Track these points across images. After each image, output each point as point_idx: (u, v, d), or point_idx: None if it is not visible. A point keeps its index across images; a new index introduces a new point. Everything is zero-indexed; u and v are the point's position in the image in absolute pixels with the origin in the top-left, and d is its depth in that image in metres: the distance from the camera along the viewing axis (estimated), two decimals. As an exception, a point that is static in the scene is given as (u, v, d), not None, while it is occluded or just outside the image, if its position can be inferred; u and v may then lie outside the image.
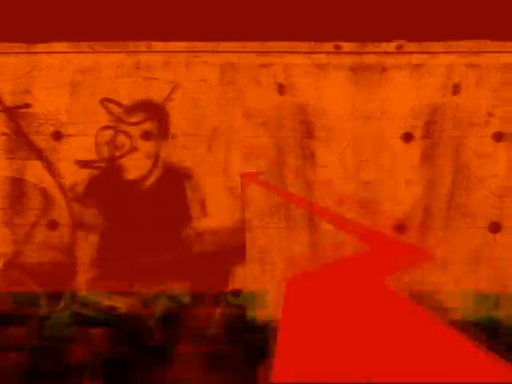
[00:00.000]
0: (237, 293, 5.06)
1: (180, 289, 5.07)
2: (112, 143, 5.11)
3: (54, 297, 5.08)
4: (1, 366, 5.05)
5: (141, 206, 5.10)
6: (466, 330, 5.00)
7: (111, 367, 5.02)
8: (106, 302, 5.08)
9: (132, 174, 5.12)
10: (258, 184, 5.06)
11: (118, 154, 5.11)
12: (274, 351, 4.95)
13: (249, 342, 5.02)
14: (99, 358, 5.02)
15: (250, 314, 5.05)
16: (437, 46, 5.09)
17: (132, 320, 5.06)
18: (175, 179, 5.10)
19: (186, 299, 5.06)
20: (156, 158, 5.10)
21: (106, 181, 5.12)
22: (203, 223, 5.08)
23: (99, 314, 5.07)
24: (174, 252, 5.07)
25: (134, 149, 5.10)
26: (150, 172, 5.11)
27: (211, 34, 5.24)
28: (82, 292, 5.08)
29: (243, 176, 5.07)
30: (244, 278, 5.08)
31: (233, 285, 5.07)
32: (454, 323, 5.03)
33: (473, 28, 5.28)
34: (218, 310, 5.04)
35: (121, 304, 5.08)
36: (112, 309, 5.07)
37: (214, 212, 5.10)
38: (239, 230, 5.07)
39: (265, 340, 4.99)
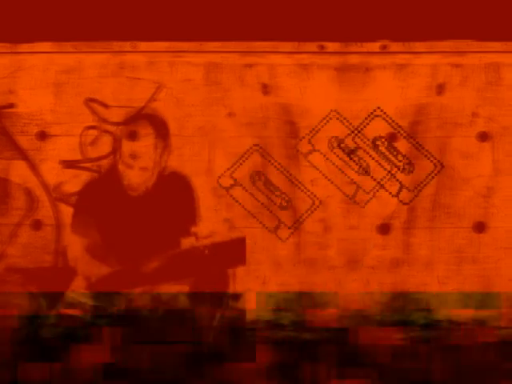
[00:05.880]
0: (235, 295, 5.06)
1: (177, 290, 5.07)
2: (96, 143, 5.11)
3: (40, 297, 5.08)
4: None
5: (134, 208, 5.10)
6: (453, 330, 5.02)
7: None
8: (92, 303, 5.08)
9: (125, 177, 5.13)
10: None
11: (102, 154, 5.11)
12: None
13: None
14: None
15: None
16: (421, 46, 5.09)
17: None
18: (170, 181, 5.11)
19: (181, 301, 5.06)
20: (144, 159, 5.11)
21: (98, 183, 5.12)
22: (194, 224, 5.09)
23: (85, 315, 5.07)
24: (168, 254, 5.07)
25: (118, 149, 5.11)
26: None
27: (194, 34, 5.24)
28: (68, 292, 5.08)
29: None
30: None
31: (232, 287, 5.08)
32: (439, 323, 5.04)
33: (456, 28, 5.28)
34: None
35: (107, 304, 5.08)
36: (98, 309, 5.07)
37: (200, 213, 5.11)
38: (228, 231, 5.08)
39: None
